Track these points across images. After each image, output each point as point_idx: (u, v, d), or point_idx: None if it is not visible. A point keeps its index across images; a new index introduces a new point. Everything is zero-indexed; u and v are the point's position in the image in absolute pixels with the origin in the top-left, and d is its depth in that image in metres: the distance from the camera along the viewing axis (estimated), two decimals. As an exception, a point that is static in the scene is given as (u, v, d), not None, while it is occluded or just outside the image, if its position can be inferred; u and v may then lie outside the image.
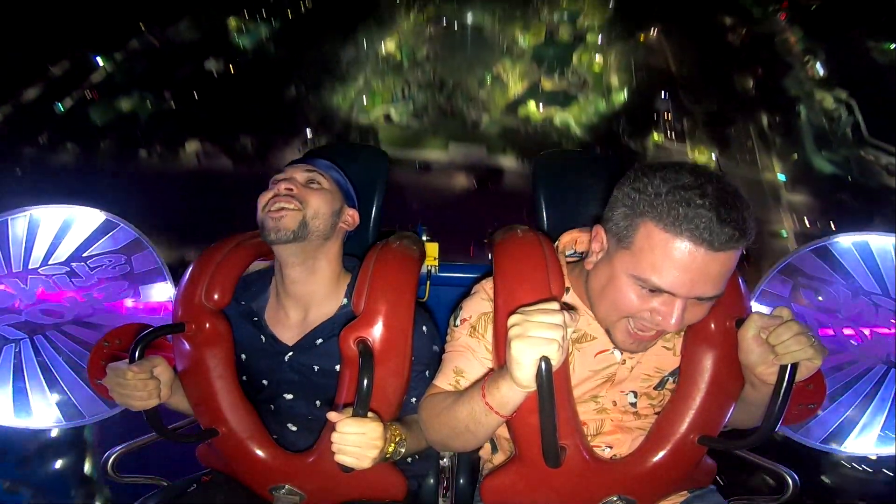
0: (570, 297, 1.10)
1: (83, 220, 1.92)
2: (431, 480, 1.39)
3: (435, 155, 22.07)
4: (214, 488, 1.20)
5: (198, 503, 1.17)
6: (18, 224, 1.89)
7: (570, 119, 23.58)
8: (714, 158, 20.58)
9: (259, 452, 1.17)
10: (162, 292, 1.89)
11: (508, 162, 21.79)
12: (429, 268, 1.72)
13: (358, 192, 1.32)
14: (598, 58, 24.03)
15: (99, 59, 21.14)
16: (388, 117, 23.42)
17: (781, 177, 20.08)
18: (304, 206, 1.15)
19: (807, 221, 19.31)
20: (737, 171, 20.19)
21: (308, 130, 22.09)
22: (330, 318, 1.20)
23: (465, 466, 1.45)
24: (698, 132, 21.43)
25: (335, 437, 0.95)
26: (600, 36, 24.05)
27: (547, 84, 24.22)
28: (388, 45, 24.44)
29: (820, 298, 1.79)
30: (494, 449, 1.22)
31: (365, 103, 23.58)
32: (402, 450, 1.06)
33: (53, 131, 20.26)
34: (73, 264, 1.91)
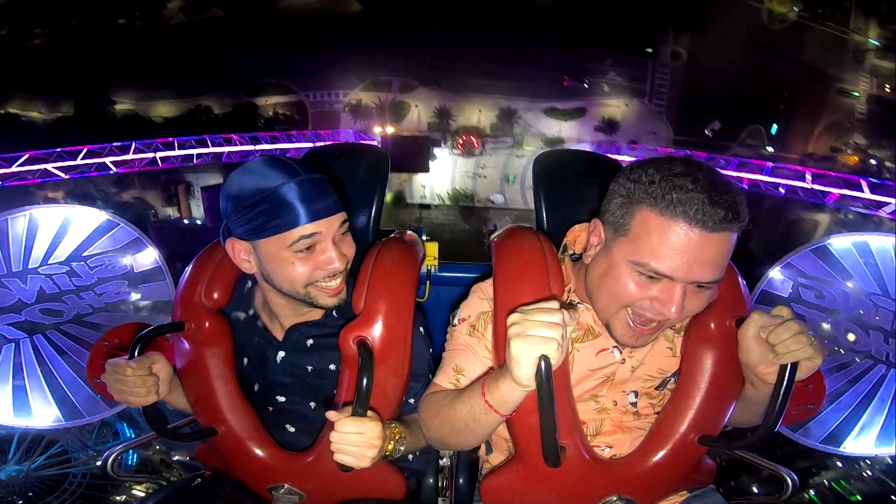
0: (571, 297, 1.10)
1: (83, 219, 1.93)
2: (431, 480, 1.38)
3: None
4: (216, 485, 1.19)
5: (200, 500, 1.17)
6: (18, 223, 1.89)
7: None
8: (795, 10, 19.24)
9: (258, 452, 1.16)
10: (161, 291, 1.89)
11: None
12: (429, 268, 1.72)
13: (358, 192, 1.32)
14: None
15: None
16: None
17: (873, 41, 19.15)
18: (346, 264, 1.10)
19: (888, 87, 18.55)
20: (818, 27, 19.14)
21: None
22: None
23: (464, 466, 1.44)
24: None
25: (334, 436, 0.95)
26: None
27: None
28: None
29: (820, 299, 1.80)
30: (489, 449, 1.22)
31: None
32: (402, 448, 1.06)
33: (5, 19, 18.18)
34: (73, 264, 1.91)
